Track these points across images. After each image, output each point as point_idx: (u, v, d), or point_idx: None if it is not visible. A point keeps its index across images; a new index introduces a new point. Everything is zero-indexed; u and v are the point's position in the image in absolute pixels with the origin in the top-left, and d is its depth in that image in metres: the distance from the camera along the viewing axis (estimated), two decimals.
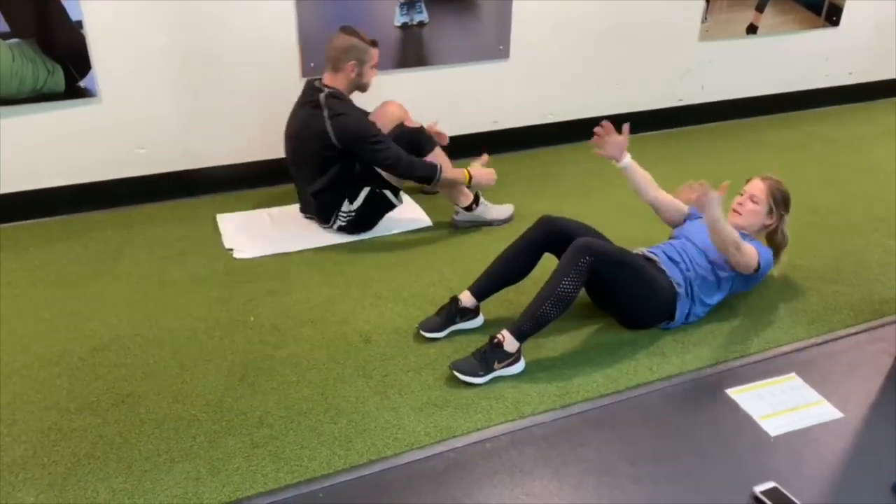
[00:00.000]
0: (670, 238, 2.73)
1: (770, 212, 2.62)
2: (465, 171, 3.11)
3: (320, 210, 3.10)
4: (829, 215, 3.38)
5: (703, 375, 2.34)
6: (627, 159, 2.66)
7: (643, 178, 2.72)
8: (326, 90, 2.94)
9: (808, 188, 3.69)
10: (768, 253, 2.59)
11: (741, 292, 2.68)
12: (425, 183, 3.09)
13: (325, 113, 2.90)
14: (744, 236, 2.52)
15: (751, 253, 2.46)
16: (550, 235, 2.50)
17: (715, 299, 2.58)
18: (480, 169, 3.17)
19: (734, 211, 2.64)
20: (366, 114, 3.13)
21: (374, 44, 2.98)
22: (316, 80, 3.02)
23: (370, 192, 3.05)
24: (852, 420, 2.16)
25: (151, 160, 3.37)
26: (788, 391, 2.27)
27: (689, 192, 2.69)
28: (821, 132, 4.47)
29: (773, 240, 2.70)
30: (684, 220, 2.76)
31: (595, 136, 2.63)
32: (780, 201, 2.63)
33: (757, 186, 2.64)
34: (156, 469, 1.96)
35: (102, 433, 2.07)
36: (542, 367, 2.35)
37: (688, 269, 2.52)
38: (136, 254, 3.02)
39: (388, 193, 3.07)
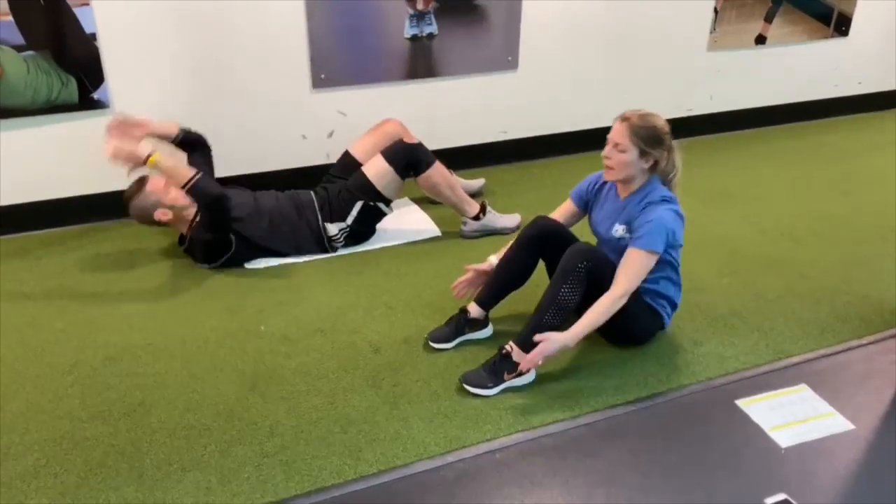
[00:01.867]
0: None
1: (643, 153, 2.27)
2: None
3: (312, 249, 3.09)
4: (839, 225, 3.37)
5: (712, 386, 2.34)
6: (493, 260, 2.55)
7: (498, 269, 2.53)
8: (187, 243, 2.99)
9: (817, 198, 3.68)
10: (659, 223, 2.24)
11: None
12: (209, 205, 2.85)
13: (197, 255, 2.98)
14: (637, 203, 2.31)
15: (635, 269, 2.24)
16: (544, 231, 2.45)
17: (673, 277, 2.45)
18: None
19: (606, 167, 2.33)
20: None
21: (143, 182, 2.93)
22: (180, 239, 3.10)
23: (364, 205, 3.06)
24: (863, 432, 2.15)
25: None
26: (799, 402, 2.26)
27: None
28: (830, 142, 4.47)
29: (664, 176, 2.35)
30: (586, 213, 2.56)
31: (461, 289, 2.55)
32: (648, 139, 2.25)
33: (617, 131, 2.28)
34: (167, 478, 1.97)
35: (114, 442, 2.09)
36: (552, 378, 2.35)
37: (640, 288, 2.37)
38: (148, 264, 3.04)
39: (380, 205, 3.09)
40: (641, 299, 2.42)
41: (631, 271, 2.25)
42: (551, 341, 2.18)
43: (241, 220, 2.95)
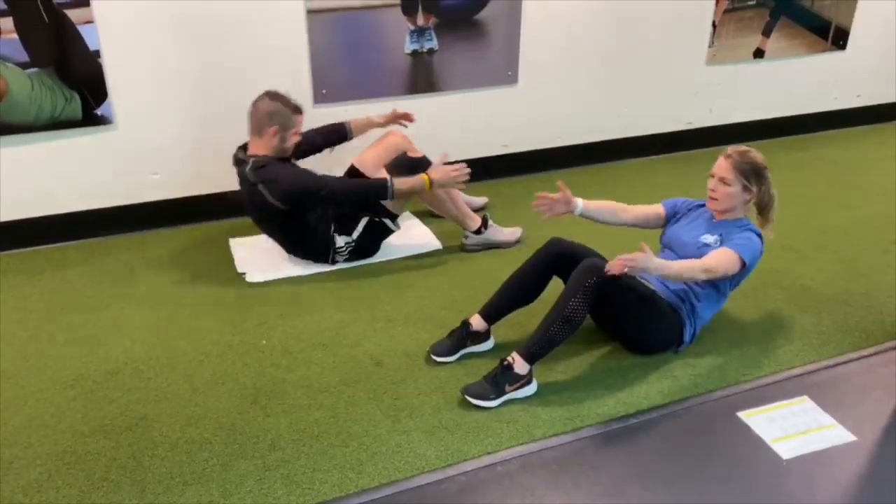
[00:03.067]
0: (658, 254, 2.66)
1: (745, 188, 2.48)
2: (422, 176, 2.97)
3: (315, 257, 3.12)
4: (840, 237, 3.38)
5: (714, 398, 2.34)
6: (579, 205, 2.63)
7: (603, 210, 2.68)
8: (250, 162, 2.91)
9: (818, 210, 3.69)
10: (753, 243, 2.46)
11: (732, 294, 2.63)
12: (381, 200, 2.98)
13: (260, 187, 2.88)
14: (734, 226, 2.51)
15: (724, 261, 2.38)
16: (558, 257, 2.51)
17: (718, 306, 2.57)
18: (440, 168, 3.01)
19: (710, 197, 2.54)
20: (287, 163, 3.04)
21: (298, 110, 2.93)
22: (241, 149, 3.01)
23: (369, 222, 3.08)
24: (865, 443, 2.15)
25: (166, 185, 3.42)
26: (800, 414, 2.26)
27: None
28: (830, 154, 4.49)
29: (761, 205, 2.55)
30: (665, 224, 2.72)
31: (540, 203, 2.62)
32: (750, 174, 2.47)
33: (722, 167, 2.51)
34: (169, 492, 1.97)
35: (116, 456, 2.09)
36: (553, 391, 2.35)
37: (682, 288, 2.49)
38: (149, 278, 3.06)
39: (386, 221, 3.11)
40: (672, 310, 2.46)
41: (718, 260, 2.38)
42: (643, 259, 2.19)
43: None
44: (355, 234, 3.08)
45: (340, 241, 3.08)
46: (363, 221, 3.07)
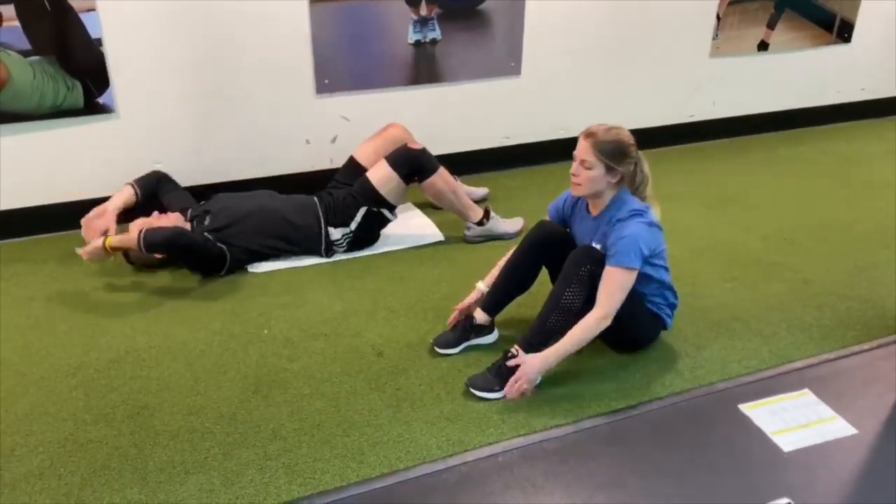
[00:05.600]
0: None
1: (609, 169, 2.24)
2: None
3: (310, 254, 3.11)
4: (841, 231, 3.38)
5: (715, 391, 2.34)
6: (481, 286, 2.53)
7: (502, 274, 2.52)
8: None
9: (820, 204, 3.69)
10: (633, 242, 2.19)
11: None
12: (167, 248, 2.88)
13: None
14: (611, 221, 2.27)
15: (615, 289, 2.20)
16: (548, 236, 2.45)
17: (666, 277, 2.42)
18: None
19: (574, 183, 2.30)
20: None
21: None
22: None
23: (367, 211, 3.07)
24: (866, 436, 2.15)
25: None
26: (802, 407, 2.27)
27: None
28: (832, 148, 4.47)
29: (633, 187, 2.33)
30: (566, 227, 2.52)
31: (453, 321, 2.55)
32: (612, 154, 2.23)
33: (582, 148, 2.26)
34: (170, 480, 1.97)
35: (118, 444, 2.10)
36: (554, 382, 2.35)
37: (637, 292, 2.37)
38: (151, 267, 3.05)
39: (384, 211, 3.10)
40: (641, 304, 2.42)
41: (610, 290, 2.22)
42: (527, 379, 2.19)
43: (227, 228, 2.97)
44: (353, 225, 3.08)
45: (337, 233, 3.08)
46: (362, 211, 3.06)
